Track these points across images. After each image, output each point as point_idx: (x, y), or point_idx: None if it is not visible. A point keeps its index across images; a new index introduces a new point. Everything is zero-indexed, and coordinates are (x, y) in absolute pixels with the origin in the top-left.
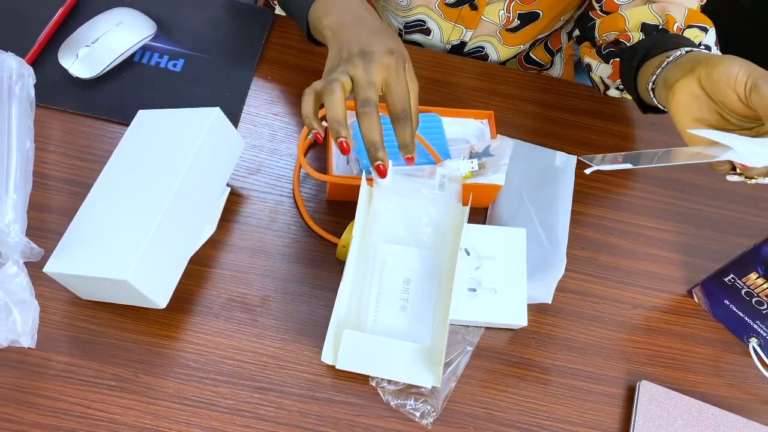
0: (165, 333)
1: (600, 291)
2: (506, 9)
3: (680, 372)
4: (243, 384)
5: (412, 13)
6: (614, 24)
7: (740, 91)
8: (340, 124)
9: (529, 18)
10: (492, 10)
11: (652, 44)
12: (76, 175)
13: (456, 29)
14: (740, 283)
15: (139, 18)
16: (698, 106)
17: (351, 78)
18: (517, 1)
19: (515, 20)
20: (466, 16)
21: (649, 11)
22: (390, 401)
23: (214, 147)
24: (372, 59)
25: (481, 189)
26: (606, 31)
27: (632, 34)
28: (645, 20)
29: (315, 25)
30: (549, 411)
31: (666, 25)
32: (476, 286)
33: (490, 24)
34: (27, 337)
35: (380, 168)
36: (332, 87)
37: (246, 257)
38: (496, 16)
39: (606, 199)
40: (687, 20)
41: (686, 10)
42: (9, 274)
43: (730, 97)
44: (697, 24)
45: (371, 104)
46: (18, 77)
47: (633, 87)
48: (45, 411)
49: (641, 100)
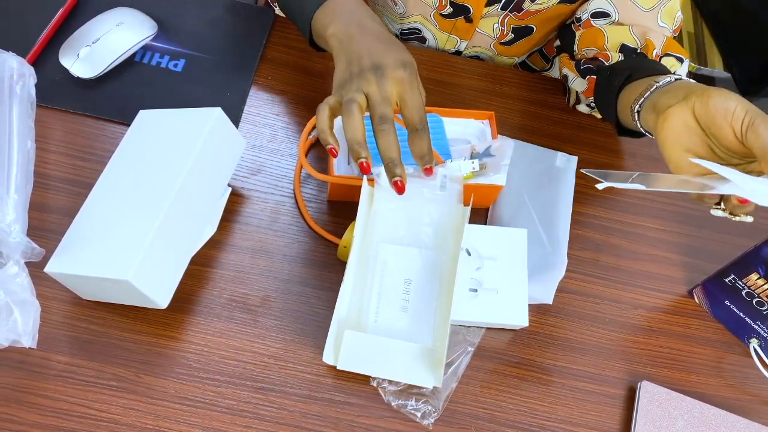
0: (166, 333)
1: (601, 291)
2: (500, 23)
3: (681, 372)
4: (244, 384)
5: (408, 21)
6: (594, 40)
7: (737, 126)
8: (361, 145)
9: (522, 32)
10: (486, 24)
11: (636, 67)
12: (77, 175)
13: (451, 39)
14: (741, 283)
15: (139, 18)
16: (689, 136)
17: (365, 95)
18: (512, 16)
19: (509, 34)
20: (460, 27)
21: (630, 33)
22: (391, 401)
23: (216, 147)
24: (384, 74)
25: (482, 189)
26: (585, 46)
27: (611, 54)
28: (624, 41)
29: (319, 32)
30: (550, 411)
31: (644, 50)
32: (477, 287)
33: (485, 36)
34: (28, 337)
35: (398, 184)
36: (350, 109)
37: (247, 257)
38: (490, 29)
39: (606, 199)
40: (665, 48)
41: (664, 38)
42: (10, 274)
43: (725, 131)
44: (674, 53)
45: (388, 121)
46: (19, 77)
47: (612, 107)
48: (46, 411)
49: (618, 122)
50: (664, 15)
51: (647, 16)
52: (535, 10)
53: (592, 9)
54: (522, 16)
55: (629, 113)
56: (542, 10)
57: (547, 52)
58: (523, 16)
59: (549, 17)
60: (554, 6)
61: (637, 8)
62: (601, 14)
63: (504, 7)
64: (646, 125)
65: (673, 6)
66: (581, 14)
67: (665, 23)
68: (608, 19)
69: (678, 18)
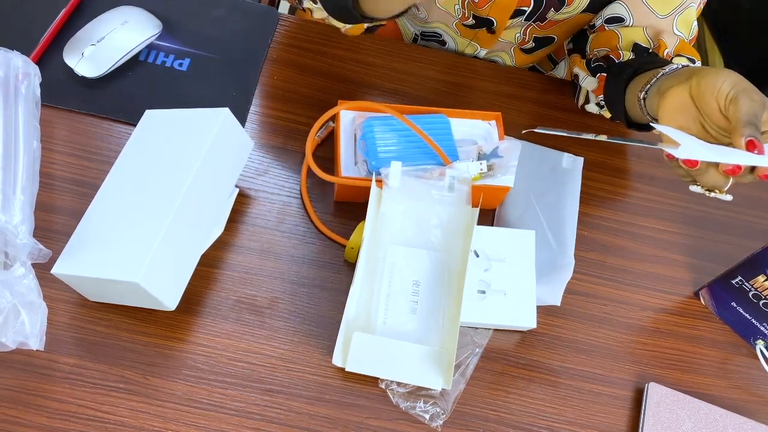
0: (173, 335)
1: (608, 293)
2: (522, 32)
3: (688, 374)
4: (252, 386)
5: (429, 27)
6: (608, 41)
7: (721, 101)
8: None
9: (544, 42)
10: (508, 33)
11: (645, 61)
12: (83, 176)
13: (471, 45)
14: (748, 285)
15: (144, 17)
16: (684, 113)
17: None
18: (534, 26)
19: (530, 42)
20: (482, 37)
21: (643, 34)
22: (399, 403)
23: (224, 148)
24: None
25: (489, 191)
26: (598, 47)
27: (623, 53)
28: (637, 41)
29: None
30: (558, 413)
31: (656, 50)
32: (485, 288)
33: (505, 44)
34: (35, 339)
35: None
36: None
37: (254, 258)
38: (512, 38)
39: (613, 200)
40: (677, 49)
41: (678, 40)
42: (17, 275)
43: (711, 107)
44: (686, 55)
45: None
46: (24, 76)
47: (621, 100)
48: (53, 413)
49: (626, 115)
50: (680, 23)
51: (663, 22)
52: (558, 19)
53: (607, 14)
54: (545, 26)
55: (636, 102)
56: (566, 19)
57: (555, 55)
58: (546, 25)
59: (570, 26)
60: (577, 15)
61: (652, 14)
62: (616, 19)
63: (528, 18)
64: (651, 110)
65: (690, 14)
66: (596, 21)
67: (681, 32)
68: (622, 24)
69: (694, 28)
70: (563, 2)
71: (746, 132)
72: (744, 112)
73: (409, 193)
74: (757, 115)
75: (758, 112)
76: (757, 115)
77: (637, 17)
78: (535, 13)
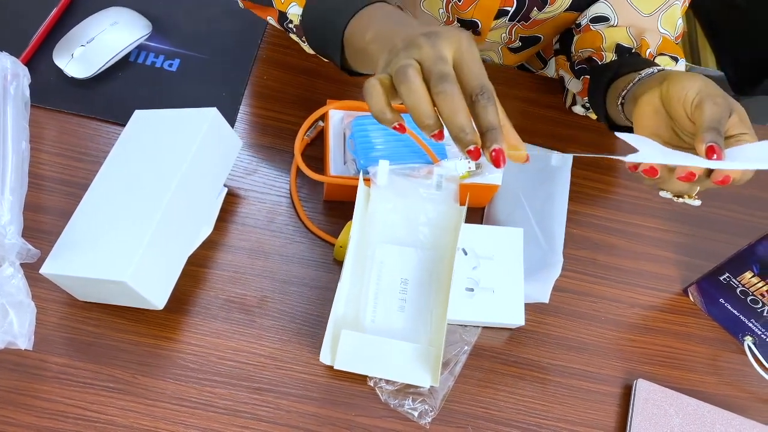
0: (163, 334)
1: (597, 290)
2: (508, 32)
3: (676, 370)
4: (241, 385)
5: None
6: (592, 41)
7: (687, 107)
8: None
9: (531, 41)
10: (494, 34)
11: (624, 63)
12: (72, 176)
13: None
14: (735, 281)
15: (134, 17)
16: (655, 120)
17: (417, 62)
18: (519, 25)
19: (517, 41)
20: None
21: (626, 33)
22: (388, 401)
23: (212, 147)
24: (439, 35)
25: (478, 189)
26: (582, 47)
27: (606, 54)
28: (620, 41)
29: (356, 44)
30: (547, 410)
31: (639, 50)
32: (474, 286)
33: (492, 44)
34: (24, 339)
35: (472, 152)
36: (406, 74)
37: (244, 258)
38: (498, 38)
39: (603, 198)
40: (660, 48)
41: (660, 39)
42: (5, 275)
43: (679, 113)
44: (669, 53)
45: (449, 79)
46: (13, 77)
47: (602, 104)
48: (42, 413)
49: (608, 118)
50: (665, 21)
51: (647, 21)
52: (542, 18)
53: (592, 14)
54: (530, 25)
55: (616, 108)
56: (549, 18)
57: (544, 54)
58: (530, 25)
59: (555, 25)
60: (561, 14)
61: (637, 13)
62: (601, 18)
63: (512, 18)
64: (629, 116)
65: (674, 12)
66: (581, 20)
67: (666, 29)
68: (607, 23)
69: (679, 25)
70: (546, 1)
71: (707, 138)
72: (706, 117)
73: (397, 192)
74: (721, 120)
75: (722, 117)
76: (720, 120)
77: (621, 16)
78: (518, 13)
